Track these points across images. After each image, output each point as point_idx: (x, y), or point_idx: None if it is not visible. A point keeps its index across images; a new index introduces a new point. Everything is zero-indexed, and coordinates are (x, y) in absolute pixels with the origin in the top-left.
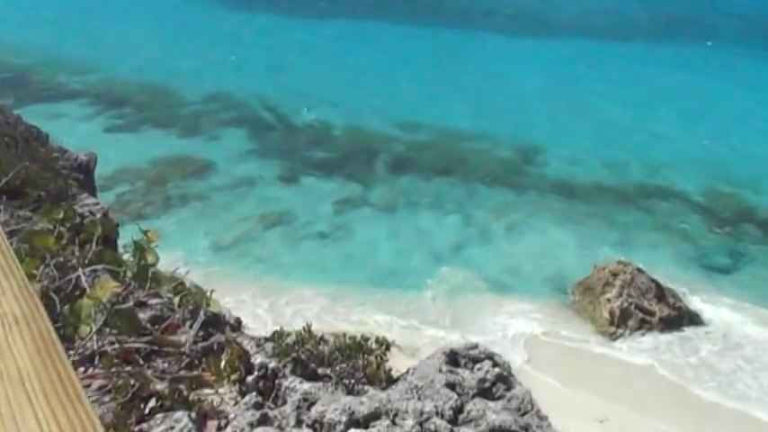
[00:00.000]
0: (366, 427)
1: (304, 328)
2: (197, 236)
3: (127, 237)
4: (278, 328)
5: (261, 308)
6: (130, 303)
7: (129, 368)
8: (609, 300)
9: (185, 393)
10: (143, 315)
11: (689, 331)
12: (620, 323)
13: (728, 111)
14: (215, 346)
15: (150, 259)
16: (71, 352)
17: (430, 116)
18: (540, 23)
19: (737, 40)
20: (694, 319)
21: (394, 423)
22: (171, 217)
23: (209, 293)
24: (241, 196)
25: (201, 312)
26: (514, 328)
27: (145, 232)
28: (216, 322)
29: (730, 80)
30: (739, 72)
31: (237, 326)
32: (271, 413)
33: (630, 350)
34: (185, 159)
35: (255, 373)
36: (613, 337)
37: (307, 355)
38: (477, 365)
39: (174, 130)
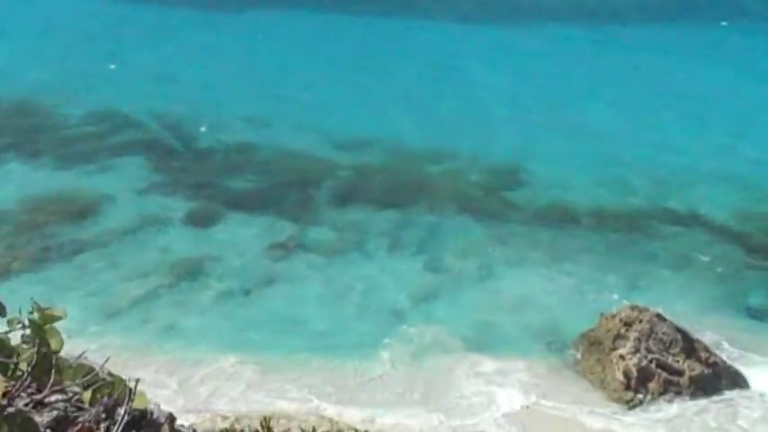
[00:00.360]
0: None
1: (262, 424)
2: (83, 297)
3: (11, 310)
4: (228, 422)
5: (167, 388)
6: (23, 404)
7: None
8: (622, 357)
9: None
10: (41, 419)
11: (728, 394)
12: (639, 386)
13: (747, 107)
14: None
15: (54, 344)
16: None
17: (372, 131)
18: (503, 4)
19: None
20: (735, 379)
21: None
22: (47, 273)
23: (132, 384)
24: (141, 243)
25: (122, 411)
26: (504, 400)
27: (42, 309)
28: (143, 422)
29: (748, 68)
30: (759, 57)
31: (171, 424)
32: None
33: (654, 422)
34: (65, 197)
35: None
36: (631, 404)
37: None
38: None
39: (45, 160)
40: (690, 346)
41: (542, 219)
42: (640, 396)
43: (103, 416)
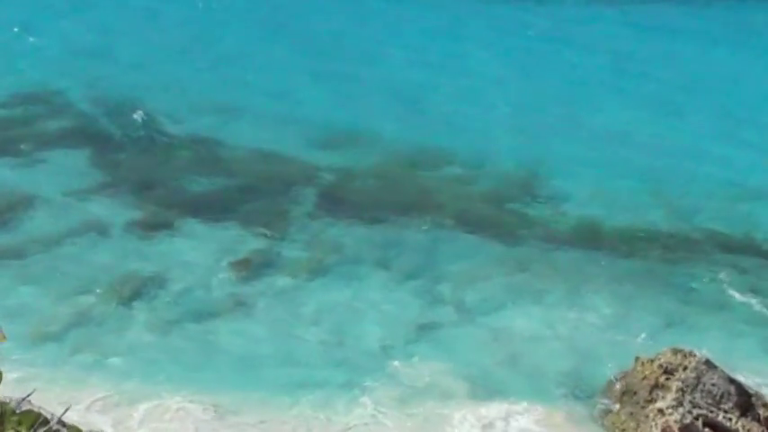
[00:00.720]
0: None
1: None
2: (2, 318)
3: None
4: None
5: (102, 425)
6: None
7: None
8: (662, 411)
9: None
10: None
11: None
12: None
13: None
14: None
15: None
16: None
17: (353, 125)
18: None
19: None
20: None
21: None
22: None
23: None
24: (73, 255)
25: None
26: None
27: None
28: None
29: None
30: None
31: None
32: None
33: None
34: None
35: None
36: None
37: None
38: None
39: None
40: (745, 401)
41: (559, 239)
42: None
43: None
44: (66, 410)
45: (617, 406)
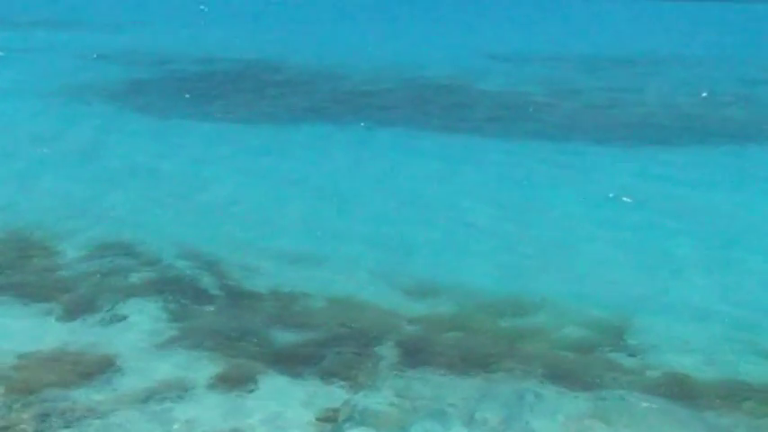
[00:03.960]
0: None
1: None
2: None
3: None
4: None
5: None
6: None
7: None
8: None
9: None
10: None
11: None
12: None
13: None
14: None
15: None
16: None
17: (443, 274)
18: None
19: None
20: None
21: None
22: None
23: None
24: (158, 414)
25: None
26: None
27: None
28: None
29: None
30: None
31: None
32: None
33: None
34: (66, 354)
35: None
36: None
37: None
38: None
39: (42, 308)
40: None
41: (658, 391)
42: None
43: None
44: None
45: None
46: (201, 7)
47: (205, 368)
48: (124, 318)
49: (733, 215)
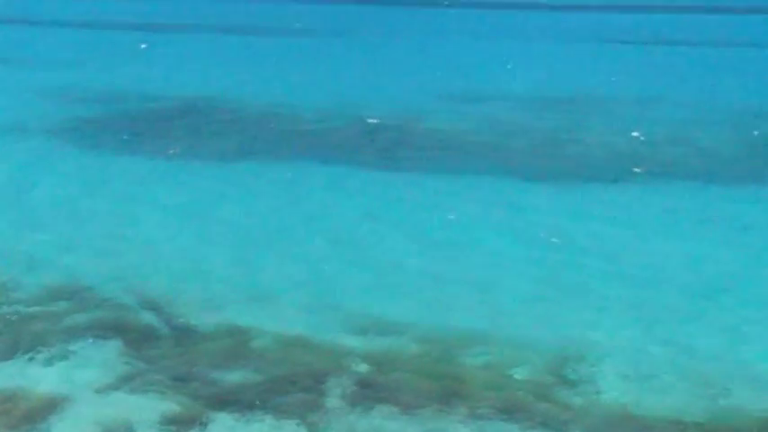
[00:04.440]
0: None
1: None
2: None
3: None
4: None
5: None
6: None
7: None
8: None
9: None
10: None
11: None
12: None
13: None
14: None
15: None
16: None
17: (383, 312)
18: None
19: None
20: None
21: None
22: None
23: None
24: None
25: None
26: None
27: None
28: None
29: None
30: None
31: None
32: None
33: None
34: (8, 396)
35: None
36: None
37: None
38: None
39: None
40: None
41: (596, 425)
42: None
43: None
44: None
45: None
46: (142, 45)
47: (153, 409)
48: (66, 359)
49: (657, 254)
